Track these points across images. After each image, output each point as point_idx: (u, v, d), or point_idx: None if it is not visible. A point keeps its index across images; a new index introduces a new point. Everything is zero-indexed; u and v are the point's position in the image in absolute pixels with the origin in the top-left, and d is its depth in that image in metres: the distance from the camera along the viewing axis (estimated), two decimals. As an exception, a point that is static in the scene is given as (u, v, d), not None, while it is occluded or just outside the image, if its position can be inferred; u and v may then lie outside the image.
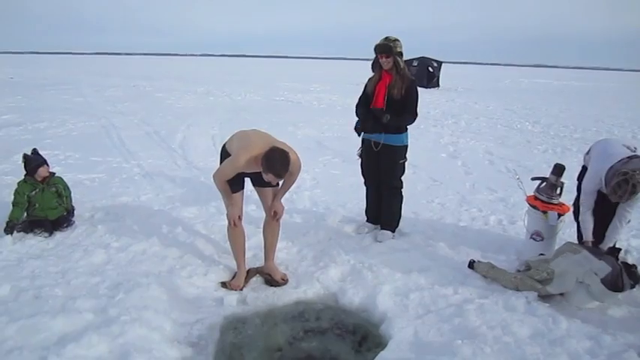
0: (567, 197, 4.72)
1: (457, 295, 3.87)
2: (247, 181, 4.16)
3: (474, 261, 4.34)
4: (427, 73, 28.52)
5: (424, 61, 28.92)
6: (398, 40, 4.70)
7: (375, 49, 4.70)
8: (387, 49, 4.62)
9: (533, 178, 4.95)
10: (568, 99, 24.75)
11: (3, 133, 10.70)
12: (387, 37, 4.69)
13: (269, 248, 4.35)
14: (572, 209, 4.64)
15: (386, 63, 4.68)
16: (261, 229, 4.40)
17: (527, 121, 14.82)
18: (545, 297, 3.79)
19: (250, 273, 4.30)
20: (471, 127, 13.31)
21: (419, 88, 4.89)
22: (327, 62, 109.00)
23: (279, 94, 21.62)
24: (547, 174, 4.76)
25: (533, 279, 3.85)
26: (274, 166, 3.60)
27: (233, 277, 4.23)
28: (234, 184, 3.99)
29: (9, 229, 4.78)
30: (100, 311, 3.47)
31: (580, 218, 4.32)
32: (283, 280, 4.23)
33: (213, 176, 3.96)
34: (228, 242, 4.60)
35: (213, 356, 3.34)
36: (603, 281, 3.59)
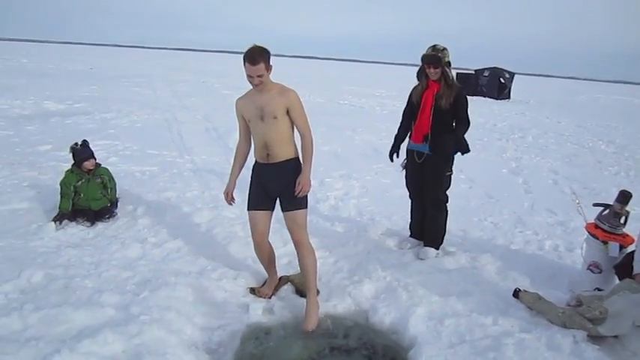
0: (632, 227, 4.30)
1: (496, 325, 3.55)
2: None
3: (519, 290, 4.01)
4: (498, 84, 27.60)
5: (496, 72, 28.02)
6: (446, 49, 4.45)
7: (423, 60, 4.47)
8: (435, 59, 4.38)
9: (596, 204, 4.55)
10: (649, 119, 23.23)
11: (71, 121, 11.15)
12: (434, 47, 4.43)
13: (306, 279, 3.80)
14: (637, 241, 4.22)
15: (434, 74, 4.44)
16: None
17: (600, 140, 13.95)
18: (595, 338, 3.42)
19: (282, 281, 4.17)
20: (538, 143, 12.66)
21: (489, 100, 4.60)
22: (397, 67, 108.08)
23: (343, 98, 21.47)
24: (614, 197, 4.37)
25: (584, 317, 3.49)
26: (247, 52, 3.48)
27: (263, 284, 4.11)
28: (252, 200, 3.85)
29: (58, 218, 4.89)
30: (123, 308, 3.45)
31: (636, 247, 3.94)
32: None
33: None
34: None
35: (230, 365, 3.22)
36: None
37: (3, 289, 3.62)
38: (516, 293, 3.98)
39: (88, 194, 5.01)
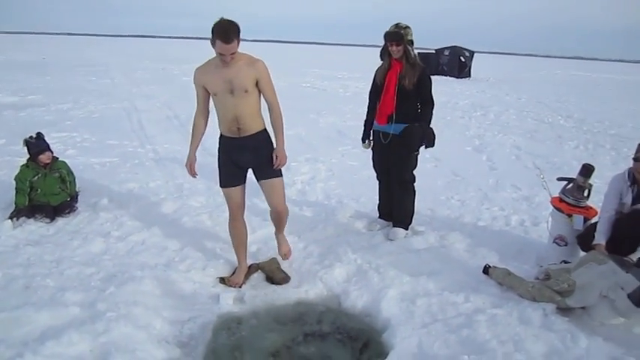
0: (595, 199, 4.38)
1: (468, 303, 3.58)
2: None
3: (489, 266, 4.04)
4: (459, 62, 27.81)
5: (456, 51, 28.21)
6: (409, 27, 4.40)
7: (385, 37, 4.41)
8: (397, 36, 4.33)
9: (559, 179, 4.62)
10: (605, 93, 23.80)
11: (26, 113, 10.74)
12: (397, 24, 4.39)
13: (279, 226, 4.14)
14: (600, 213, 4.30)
15: (396, 52, 4.39)
16: (267, 222, 4.21)
17: (559, 115, 14.23)
18: (564, 310, 3.48)
19: (252, 269, 4.10)
20: (500, 120, 12.83)
21: (450, 79, 4.59)
22: (357, 49, 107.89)
23: (306, 81, 21.28)
24: (576, 171, 4.43)
25: (552, 289, 3.54)
26: (220, 28, 3.26)
27: (233, 273, 4.04)
28: (227, 177, 3.79)
29: (14, 214, 4.69)
30: (88, 306, 3.33)
31: (598, 219, 4.07)
32: (286, 255, 4.15)
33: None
34: (231, 235, 4.44)
35: (203, 358, 3.15)
36: (630, 296, 3.26)
37: (-42, 292, 3.44)
38: (486, 269, 4.01)
39: (45, 189, 4.81)
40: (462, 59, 28.21)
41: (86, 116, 10.73)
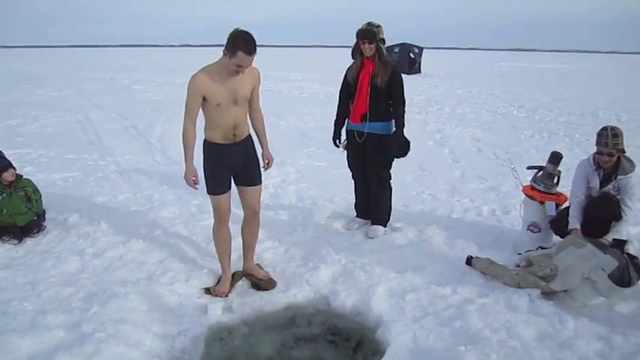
0: (563, 184, 4.55)
1: (456, 294, 3.65)
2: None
3: (471, 257, 4.13)
4: (409, 59, 28.28)
5: (405, 47, 28.67)
6: (380, 26, 4.45)
7: (358, 35, 4.43)
8: (370, 34, 4.37)
9: (529, 167, 4.77)
10: (549, 82, 24.70)
11: (-28, 131, 10.24)
12: (369, 23, 4.43)
13: (248, 248, 4.11)
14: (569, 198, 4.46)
15: (368, 49, 4.41)
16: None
17: (511, 106, 14.67)
18: (548, 294, 3.58)
19: (236, 277, 4.04)
20: (456, 113, 13.13)
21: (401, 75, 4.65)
22: (305, 50, 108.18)
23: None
24: (536, 160, 4.60)
25: (536, 275, 3.64)
26: (242, 39, 3.25)
27: (217, 282, 3.97)
28: (219, 184, 3.72)
29: (-23, 237, 4.47)
30: (73, 327, 3.20)
31: (569, 205, 4.23)
32: (266, 277, 4.01)
33: (183, 123, 3.54)
34: (210, 244, 4.38)
35: (198, 371, 3.09)
36: (610, 276, 3.40)
37: None
38: (469, 260, 4.09)
39: (11, 209, 4.59)
40: (412, 56, 28.71)
41: (39, 131, 10.33)
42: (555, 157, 4.50)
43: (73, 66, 36.82)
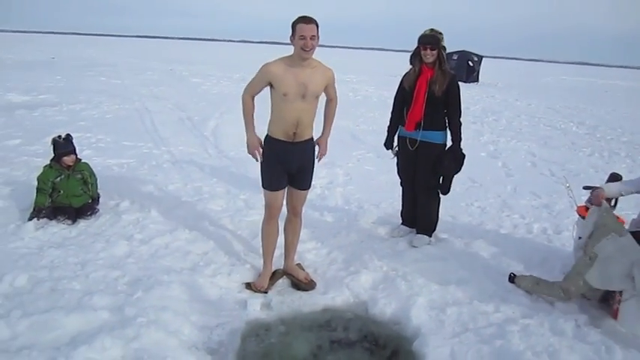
0: (622, 206, 4.35)
1: (498, 313, 3.54)
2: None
3: (514, 275, 4.00)
4: (467, 67, 27.79)
5: (464, 55, 28.19)
6: (442, 33, 4.39)
7: (420, 40, 4.37)
8: (434, 40, 4.31)
9: (586, 187, 4.57)
10: (614, 99, 23.75)
11: (38, 113, 10.73)
12: (432, 29, 4.37)
13: (289, 247, 4.12)
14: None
15: (430, 56, 4.35)
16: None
17: (571, 122, 14.19)
18: (596, 320, 3.43)
19: (277, 274, 4.07)
20: (512, 126, 12.80)
21: (459, 83, 4.58)
22: (361, 52, 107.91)
23: (315, 84, 21.13)
24: (594, 180, 4.42)
25: (576, 271, 3.52)
26: (299, 16, 3.43)
27: (259, 277, 4.00)
28: (276, 181, 3.76)
29: (34, 214, 4.67)
30: (117, 310, 3.30)
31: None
32: (306, 279, 4.00)
33: (243, 93, 3.71)
34: (255, 239, 4.45)
35: (233, 365, 3.12)
36: None
37: (-15, 295, 3.41)
38: (512, 278, 3.97)
39: (68, 191, 4.78)
40: (471, 64, 28.20)
41: (99, 117, 10.72)
42: (614, 178, 4.30)
43: (137, 55, 38.12)
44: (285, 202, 3.99)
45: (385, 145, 4.86)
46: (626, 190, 3.89)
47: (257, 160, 3.74)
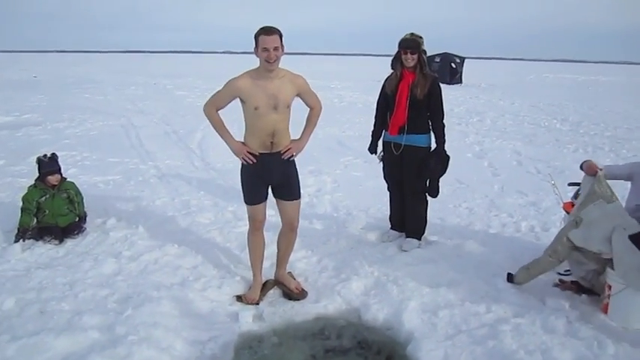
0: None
1: (490, 313, 3.55)
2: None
3: (511, 274, 3.99)
4: (450, 69, 27.97)
5: (447, 57, 28.38)
6: (422, 37, 4.43)
7: (401, 44, 4.40)
8: (414, 44, 4.34)
9: (571, 184, 4.62)
10: (596, 95, 24.03)
11: (22, 133, 10.65)
12: (412, 33, 4.40)
13: (282, 257, 4.09)
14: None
15: (410, 60, 4.38)
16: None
17: (554, 119, 14.33)
18: (587, 316, 3.45)
19: (267, 285, 4.05)
20: (497, 126, 12.90)
21: (442, 85, 4.62)
22: (344, 58, 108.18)
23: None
24: (579, 175, 4.42)
25: (564, 232, 3.65)
26: (262, 26, 3.43)
27: (249, 290, 3.99)
28: (255, 195, 3.75)
29: (20, 235, 4.62)
30: (107, 329, 3.26)
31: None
32: (297, 289, 3.98)
33: (204, 106, 3.73)
34: (244, 251, 4.43)
35: (227, 379, 3.10)
36: (631, 237, 3.33)
37: (-28, 319, 3.36)
38: (510, 277, 3.96)
39: (53, 210, 4.74)
40: (453, 66, 28.39)
41: (83, 134, 10.66)
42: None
43: (121, 71, 37.95)
44: (276, 213, 3.99)
45: (369, 149, 4.89)
46: (612, 174, 3.93)
47: (252, 162, 3.63)
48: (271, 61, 3.39)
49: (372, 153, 4.91)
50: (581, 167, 4.01)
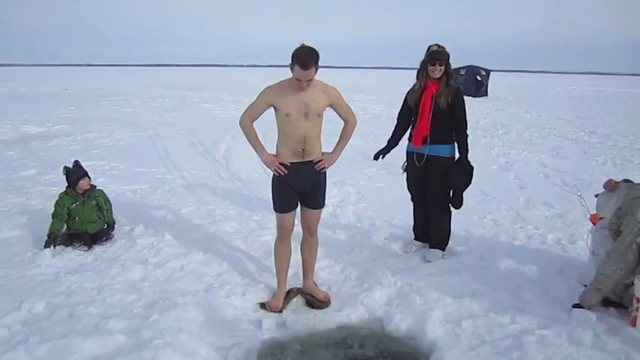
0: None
1: (515, 324, 3.52)
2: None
3: (577, 304, 3.75)
4: (475, 81, 27.84)
5: (472, 70, 28.26)
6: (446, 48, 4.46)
7: (430, 56, 4.42)
8: (443, 56, 4.38)
9: (597, 195, 4.55)
10: (624, 107, 23.60)
11: (54, 143, 10.92)
12: (438, 44, 4.42)
13: (307, 267, 4.12)
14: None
15: (438, 71, 4.40)
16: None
17: (582, 131, 14.13)
18: (615, 329, 3.38)
19: (291, 293, 4.08)
20: (523, 138, 12.77)
21: (467, 98, 4.61)
22: (367, 72, 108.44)
23: (324, 104, 21.28)
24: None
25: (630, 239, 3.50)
26: (299, 54, 3.38)
27: (272, 297, 4.02)
28: (286, 203, 3.81)
29: (50, 241, 4.73)
30: (133, 333, 3.32)
31: None
32: (326, 299, 3.99)
33: (240, 118, 3.79)
34: (268, 259, 4.48)
35: (250, 385, 3.12)
36: None
37: (4, 322, 3.44)
38: (577, 305, 3.74)
39: (83, 217, 4.86)
40: (479, 78, 28.25)
41: (112, 144, 10.89)
42: (626, 185, 4.28)
43: (148, 84, 38.66)
44: (299, 222, 4.03)
45: (375, 154, 4.92)
46: None
47: (283, 173, 3.68)
48: (303, 87, 3.49)
49: (375, 159, 4.91)
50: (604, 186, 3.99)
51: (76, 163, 5.09)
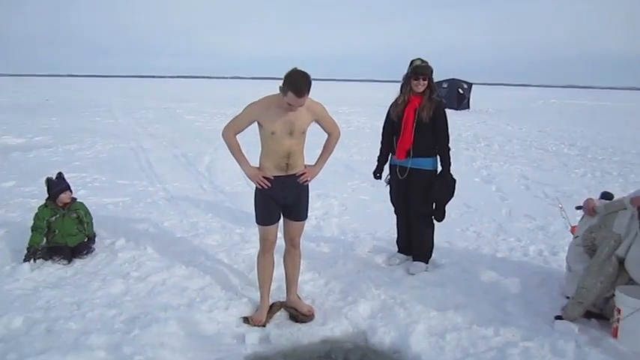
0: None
1: (498, 336, 3.53)
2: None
3: (558, 315, 3.79)
4: (457, 94, 28.08)
5: (454, 83, 28.52)
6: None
7: (414, 71, 4.46)
8: (427, 70, 4.43)
9: (578, 207, 4.60)
10: (603, 120, 24.00)
11: (34, 154, 10.77)
12: (421, 59, 4.47)
13: (291, 280, 4.10)
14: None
15: (421, 85, 4.45)
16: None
17: (562, 144, 14.33)
18: (596, 340, 3.41)
19: (274, 307, 4.04)
20: (504, 150, 12.91)
21: (450, 111, 4.67)
22: (351, 84, 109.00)
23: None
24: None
25: (606, 252, 3.59)
26: (294, 80, 3.36)
27: (256, 311, 3.98)
28: (267, 216, 3.80)
29: (30, 255, 4.64)
30: (114, 349, 3.27)
31: None
32: (310, 312, 3.96)
33: (223, 130, 3.74)
34: (251, 273, 4.46)
35: (233, 401, 3.08)
36: None
37: (-19, 338, 3.38)
38: (559, 317, 3.77)
39: (63, 230, 4.79)
40: (461, 91, 28.51)
41: (94, 156, 10.78)
42: (606, 198, 4.34)
43: (131, 95, 38.42)
44: (282, 235, 4.01)
45: (374, 173, 4.93)
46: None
47: (267, 187, 3.69)
48: (293, 110, 3.51)
49: (375, 177, 4.94)
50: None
51: (59, 176, 5.02)
